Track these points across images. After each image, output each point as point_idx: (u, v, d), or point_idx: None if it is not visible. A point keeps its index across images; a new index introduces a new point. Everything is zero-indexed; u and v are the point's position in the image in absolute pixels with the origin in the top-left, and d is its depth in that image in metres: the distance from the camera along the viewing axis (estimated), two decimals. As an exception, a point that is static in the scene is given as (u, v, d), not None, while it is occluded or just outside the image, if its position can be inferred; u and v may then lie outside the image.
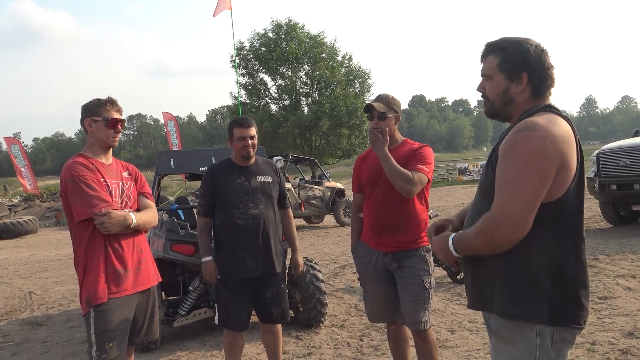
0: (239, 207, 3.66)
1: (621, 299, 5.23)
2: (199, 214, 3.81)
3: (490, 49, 2.02)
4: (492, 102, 2.03)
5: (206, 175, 3.81)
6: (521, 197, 1.77)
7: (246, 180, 3.73)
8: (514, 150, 1.81)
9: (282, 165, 15.59)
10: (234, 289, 3.68)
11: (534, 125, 1.82)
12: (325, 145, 35.83)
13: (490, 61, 2.00)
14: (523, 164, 1.78)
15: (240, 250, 3.65)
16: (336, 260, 8.99)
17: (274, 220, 3.79)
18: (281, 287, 3.81)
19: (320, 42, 35.71)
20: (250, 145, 3.70)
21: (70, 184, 2.85)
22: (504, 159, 1.85)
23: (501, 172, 1.84)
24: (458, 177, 34.87)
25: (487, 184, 1.96)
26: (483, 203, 1.96)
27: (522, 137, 1.81)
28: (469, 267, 2.08)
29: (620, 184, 8.83)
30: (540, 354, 1.86)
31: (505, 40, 2.01)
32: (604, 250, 7.60)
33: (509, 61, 1.96)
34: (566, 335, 1.91)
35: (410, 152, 3.34)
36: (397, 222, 3.31)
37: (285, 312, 3.85)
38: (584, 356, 3.93)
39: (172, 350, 4.97)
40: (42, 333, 5.91)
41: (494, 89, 2.01)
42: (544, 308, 1.85)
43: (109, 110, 2.98)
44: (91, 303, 2.84)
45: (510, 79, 1.97)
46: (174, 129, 27.51)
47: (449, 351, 4.35)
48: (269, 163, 3.93)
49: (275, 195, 3.84)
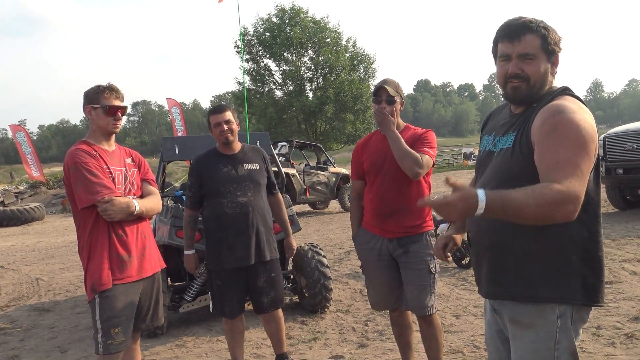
0: (226, 196, 3.65)
1: (627, 284, 5.21)
2: (185, 206, 3.80)
3: (527, 27, 1.89)
4: (532, 84, 1.92)
5: (192, 166, 3.80)
6: (582, 177, 1.74)
7: (233, 168, 3.71)
8: (564, 129, 1.77)
9: (287, 151, 15.58)
10: (225, 278, 3.69)
11: (570, 108, 1.81)
12: (329, 131, 35.73)
13: (533, 40, 1.89)
14: (577, 145, 1.76)
15: (229, 239, 3.64)
16: (341, 246, 9.00)
17: (263, 208, 3.77)
18: (272, 275, 3.78)
19: (324, 26, 35.48)
20: (227, 130, 3.65)
21: (73, 171, 2.85)
22: (550, 139, 1.78)
23: (554, 150, 1.76)
24: (463, 162, 34.79)
25: (511, 169, 1.91)
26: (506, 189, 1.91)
27: (565, 120, 1.78)
28: (484, 256, 2.04)
29: (627, 168, 8.78)
30: (560, 335, 1.86)
31: (533, 19, 1.92)
32: (610, 234, 7.57)
33: (551, 42, 1.91)
34: (584, 315, 1.93)
35: (414, 137, 3.32)
36: (402, 208, 3.30)
37: (276, 300, 3.81)
38: (589, 340, 3.93)
39: (179, 336, 5.00)
40: (50, 319, 5.96)
41: (538, 69, 1.91)
42: (579, 288, 1.86)
43: (108, 97, 2.96)
44: (96, 289, 2.86)
45: (550, 60, 1.93)
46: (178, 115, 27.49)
47: (454, 336, 4.35)
48: (256, 150, 3.91)
49: (263, 182, 3.82)
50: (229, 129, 3.67)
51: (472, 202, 1.65)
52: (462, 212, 1.67)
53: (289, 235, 4.04)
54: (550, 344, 1.87)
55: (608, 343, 3.88)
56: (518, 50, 1.90)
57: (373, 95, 3.34)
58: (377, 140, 3.42)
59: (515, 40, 1.90)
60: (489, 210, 1.66)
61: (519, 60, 1.91)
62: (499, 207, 1.67)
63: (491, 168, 2.02)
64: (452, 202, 1.66)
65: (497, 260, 1.98)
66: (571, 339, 1.89)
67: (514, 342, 1.97)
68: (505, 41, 1.93)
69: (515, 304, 1.93)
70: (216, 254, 3.69)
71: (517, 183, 1.82)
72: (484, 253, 2.04)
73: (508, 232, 1.92)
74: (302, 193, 14.36)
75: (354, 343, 4.48)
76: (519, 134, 1.93)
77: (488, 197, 1.65)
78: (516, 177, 1.88)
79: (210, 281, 3.79)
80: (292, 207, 5.37)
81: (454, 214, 1.69)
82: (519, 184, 1.80)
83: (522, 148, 1.89)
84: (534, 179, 1.82)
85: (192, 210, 3.77)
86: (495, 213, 1.68)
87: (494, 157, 2.02)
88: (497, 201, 1.67)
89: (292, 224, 5.16)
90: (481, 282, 2.11)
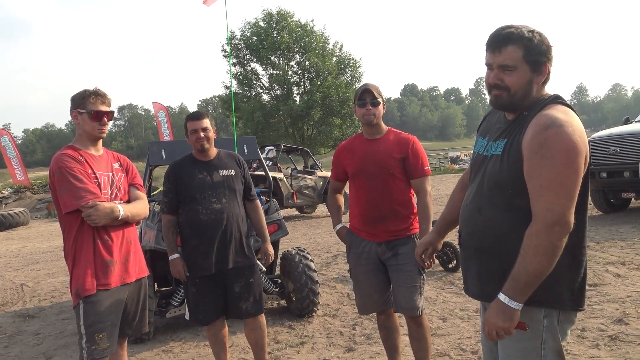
0: (201, 203, 3.64)
1: (611, 286, 5.27)
2: (162, 212, 3.78)
3: (509, 39, 1.90)
4: (512, 94, 1.94)
5: (168, 172, 3.78)
6: (566, 194, 1.79)
7: (208, 175, 3.70)
8: (548, 147, 1.80)
9: (274, 155, 15.56)
10: (200, 285, 3.68)
11: (559, 120, 1.82)
12: (317, 135, 35.78)
13: (514, 52, 1.90)
14: (561, 162, 1.79)
15: (204, 246, 3.63)
16: (329, 250, 9.00)
17: (239, 214, 3.76)
18: (250, 281, 3.75)
19: (311, 30, 35.56)
20: (203, 137, 3.65)
21: (58, 175, 2.84)
22: (536, 156, 1.82)
23: (538, 171, 1.82)
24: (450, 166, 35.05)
25: (501, 178, 1.95)
26: (495, 195, 1.97)
27: (553, 135, 1.80)
28: (473, 259, 2.07)
29: (611, 172, 8.86)
30: (546, 335, 1.90)
31: (520, 29, 1.91)
32: (594, 237, 7.65)
33: (535, 52, 1.90)
34: (571, 316, 1.98)
35: (398, 142, 3.37)
36: (391, 212, 3.33)
37: (255, 306, 3.76)
38: (574, 342, 3.97)
39: (165, 341, 4.98)
40: (35, 325, 5.89)
41: (519, 80, 1.92)
42: (566, 293, 1.91)
43: (94, 102, 2.95)
44: (80, 295, 2.84)
45: (534, 70, 1.93)
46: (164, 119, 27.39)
47: (441, 339, 4.37)
48: (232, 156, 3.89)
49: (239, 188, 3.80)
50: (205, 136, 3.66)
51: (509, 312, 1.84)
52: (510, 324, 1.86)
53: (265, 241, 3.97)
54: (536, 343, 1.91)
55: (592, 345, 3.91)
56: (498, 61, 1.93)
57: (357, 100, 3.36)
58: (362, 145, 3.43)
59: (497, 51, 1.93)
60: (520, 299, 1.84)
61: (500, 71, 1.94)
62: (522, 290, 1.83)
63: (483, 173, 2.06)
64: (492, 322, 1.88)
65: (488, 263, 2.01)
66: (557, 338, 1.92)
67: (501, 341, 2.01)
68: (489, 51, 1.96)
69: None
70: (190, 261, 3.68)
71: (505, 190, 1.91)
72: (475, 256, 2.06)
73: (500, 237, 1.96)
74: (290, 197, 14.35)
75: (341, 347, 4.49)
76: (508, 142, 1.95)
77: (509, 296, 1.84)
78: (504, 185, 1.93)
79: (186, 288, 3.77)
80: (279, 211, 5.38)
81: (509, 326, 1.87)
82: (506, 192, 1.90)
83: (510, 157, 1.92)
84: (520, 187, 1.88)
85: (170, 215, 3.74)
86: (530, 287, 1.83)
87: (486, 162, 2.05)
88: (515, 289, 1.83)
89: (279, 229, 5.17)
90: (469, 283, 2.14)
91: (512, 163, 1.91)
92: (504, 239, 1.95)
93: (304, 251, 5.47)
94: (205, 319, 3.74)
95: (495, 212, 1.97)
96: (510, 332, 1.87)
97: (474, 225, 2.07)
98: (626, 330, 4.08)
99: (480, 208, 2.02)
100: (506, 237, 1.94)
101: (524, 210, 1.88)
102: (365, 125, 3.39)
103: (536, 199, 1.82)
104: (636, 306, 4.58)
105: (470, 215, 2.09)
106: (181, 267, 3.67)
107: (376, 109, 3.30)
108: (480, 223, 2.03)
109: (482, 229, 2.02)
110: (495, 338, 1.91)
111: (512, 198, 1.92)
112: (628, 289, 5.13)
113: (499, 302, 1.86)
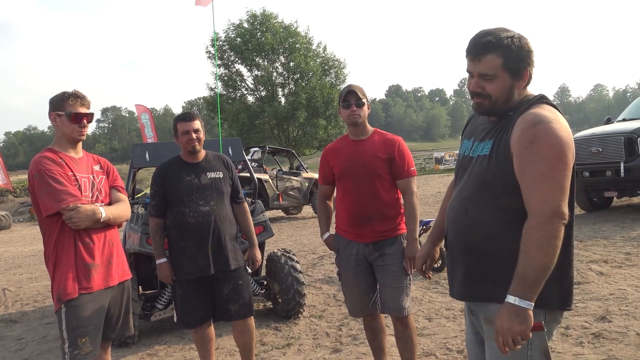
0: (189, 205, 3.61)
1: (594, 284, 5.32)
2: (150, 215, 3.75)
3: (488, 47, 1.90)
4: (494, 101, 1.95)
5: (155, 174, 3.74)
6: (559, 187, 1.81)
7: (196, 177, 3.67)
8: (539, 143, 1.82)
9: (259, 157, 15.52)
10: (188, 287, 3.65)
11: (547, 117, 1.84)
12: (302, 136, 35.79)
13: (493, 61, 1.90)
14: (553, 155, 1.81)
15: (192, 249, 3.60)
16: (314, 251, 8.99)
17: (227, 217, 3.73)
18: (239, 283, 3.71)
19: (294, 31, 35.55)
20: (194, 139, 3.62)
21: (37, 178, 2.79)
22: (527, 153, 1.84)
23: (529, 166, 1.83)
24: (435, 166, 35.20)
25: (488, 178, 1.96)
26: (482, 196, 1.97)
27: (543, 130, 1.82)
28: (459, 259, 2.07)
29: (593, 171, 8.96)
30: (533, 335, 1.89)
31: (498, 36, 1.90)
32: (577, 236, 7.72)
33: (515, 60, 1.90)
34: (557, 315, 1.98)
35: (383, 142, 3.37)
36: (378, 212, 3.33)
37: (245, 308, 3.72)
38: (558, 340, 4.00)
39: (150, 345, 4.93)
40: (17, 330, 5.82)
41: (499, 88, 1.93)
42: (555, 293, 1.91)
43: (73, 104, 2.91)
44: (62, 299, 2.80)
45: (515, 77, 1.93)
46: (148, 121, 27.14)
47: (427, 339, 4.38)
48: (220, 158, 3.86)
49: (227, 191, 3.77)
50: (197, 137, 3.63)
51: (522, 313, 1.78)
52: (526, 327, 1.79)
53: (253, 246, 3.95)
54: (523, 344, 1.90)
55: (576, 343, 3.95)
56: (478, 69, 1.94)
57: (342, 101, 3.35)
58: (348, 146, 3.43)
59: (476, 60, 1.93)
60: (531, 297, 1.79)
61: (480, 79, 1.95)
62: (531, 287, 1.79)
63: (469, 174, 2.06)
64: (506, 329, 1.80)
65: (474, 264, 2.01)
66: (544, 339, 1.93)
67: (488, 342, 2.01)
68: (469, 59, 1.96)
69: (490, 305, 1.95)
70: (178, 264, 3.64)
71: (492, 190, 1.91)
72: (460, 256, 2.07)
73: (486, 237, 1.96)
74: (275, 199, 14.32)
75: (327, 348, 4.48)
76: (496, 142, 1.96)
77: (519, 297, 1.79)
78: (491, 185, 1.93)
79: (174, 291, 3.74)
80: (265, 213, 5.36)
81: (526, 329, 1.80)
82: (494, 192, 1.90)
83: (499, 157, 1.93)
84: (508, 187, 1.89)
85: (157, 219, 3.70)
86: (537, 284, 1.79)
87: (472, 163, 2.05)
88: (524, 287, 1.79)
89: (264, 230, 5.15)
90: (455, 284, 2.13)
91: (501, 162, 1.91)
92: (491, 238, 1.95)
93: (289, 252, 5.46)
94: (193, 321, 3.70)
95: (483, 212, 1.98)
96: (527, 335, 1.80)
97: (461, 226, 2.07)
98: (609, 327, 4.12)
99: (467, 209, 2.03)
100: (493, 237, 1.95)
101: (512, 210, 1.90)
102: (350, 126, 3.39)
103: (531, 194, 1.83)
104: (619, 304, 4.63)
105: (457, 216, 2.09)
106: (169, 272, 3.63)
107: (361, 110, 3.30)
108: (467, 224, 2.03)
109: (469, 230, 2.02)
110: (512, 347, 1.81)
111: (499, 198, 1.92)
112: (611, 286, 5.18)
113: (508, 306, 1.79)
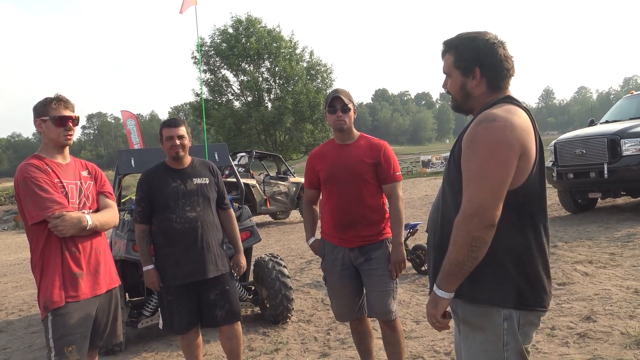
0: (175, 211, 3.61)
1: (579, 285, 5.38)
2: (136, 221, 3.74)
3: (446, 48, 2.09)
4: (456, 99, 2.11)
5: (141, 181, 3.73)
6: (488, 187, 1.82)
7: (182, 183, 3.67)
8: (476, 141, 1.86)
9: (246, 162, 15.50)
10: (175, 293, 3.64)
11: (493, 116, 1.88)
12: (289, 141, 35.74)
13: (447, 59, 2.08)
14: (486, 154, 1.83)
15: (178, 255, 3.60)
16: (302, 256, 8.99)
17: (213, 223, 3.74)
18: (226, 289, 3.72)
19: (278, 36, 35.54)
20: (178, 145, 3.62)
21: (23, 186, 2.77)
22: (467, 152, 1.89)
23: (466, 165, 1.89)
24: (422, 170, 35.25)
25: (451, 176, 2.02)
26: (447, 193, 2.05)
27: (482, 129, 1.86)
28: (432, 256, 2.12)
29: (577, 173, 9.04)
30: (507, 338, 1.92)
31: (459, 37, 2.07)
32: (563, 237, 7.80)
33: (462, 58, 2.03)
34: (532, 318, 1.99)
35: (369, 147, 3.39)
36: (363, 217, 3.34)
37: (231, 313, 3.72)
38: (544, 341, 4.03)
39: (138, 352, 4.90)
40: (2, 339, 5.76)
41: (453, 85, 2.08)
42: (511, 293, 1.92)
43: (56, 108, 2.89)
44: (48, 307, 2.78)
45: (465, 75, 2.03)
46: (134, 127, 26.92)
47: (415, 341, 4.40)
48: (206, 164, 3.87)
49: (213, 196, 3.78)
50: (180, 144, 3.63)
51: (436, 300, 1.95)
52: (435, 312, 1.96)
53: (238, 252, 3.94)
54: (499, 346, 1.94)
55: (562, 343, 3.99)
56: (442, 69, 2.13)
57: (327, 106, 3.37)
58: (334, 151, 3.44)
59: (443, 60, 2.12)
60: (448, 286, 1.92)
61: (446, 78, 2.13)
62: (445, 278, 1.91)
63: (443, 174, 2.16)
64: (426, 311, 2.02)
65: (440, 260, 2.03)
66: (518, 340, 1.95)
67: (465, 342, 2.05)
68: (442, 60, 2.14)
69: (465, 304, 2.00)
70: (164, 270, 3.63)
71: (453, 188, 1.99)
72: (432, 252, 2.13)
73: (450, 234, 1.98)
74: (263, 203, 14.30)
75: (316, 352, 4.49)
76: (457, 142, 2.03)
77: (437, 284, 1.95)
78: (452, 183, 2.01)
79: (160, 297, 3.73)
80: (252, 218, 5.36)
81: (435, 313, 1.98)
82: (454, 188, 1.98)
83: (455, 156, 2.00)
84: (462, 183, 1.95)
85: (143, 225, 3.69)
86: (454, 277, 1.90)
87: (447, 163, 2.15)
88: (442, 277, 1.92)
89: (251, 235, 5.14)
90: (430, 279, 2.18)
91: (457, 161, 1.97)
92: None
93: (277, 257, 5.46)
94: (180, 328, 3.69)
95: (448, 209, 2.03)
96: (439, 319, 1.97)
97: (432, 224, 2.15)
98: (594, 327, 4.16)
99: (438, 207, 2.11)
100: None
101: None
102: (336, 131, 3.40)
103: (464, 192, 1.88)
104: (604, 304, 4.68)
105: (431, 215, 2.18)
106: (155, 279, 3.62)
107: (347, 115, 3.32)
108: (437, 221, 2.11)
109: (437, 227, 2.09)
110: (434, 327, 2.03)
111: (458, 195, 1.95)
112: (595, 287, 5.24)
113: (432, 291, 1.99)
